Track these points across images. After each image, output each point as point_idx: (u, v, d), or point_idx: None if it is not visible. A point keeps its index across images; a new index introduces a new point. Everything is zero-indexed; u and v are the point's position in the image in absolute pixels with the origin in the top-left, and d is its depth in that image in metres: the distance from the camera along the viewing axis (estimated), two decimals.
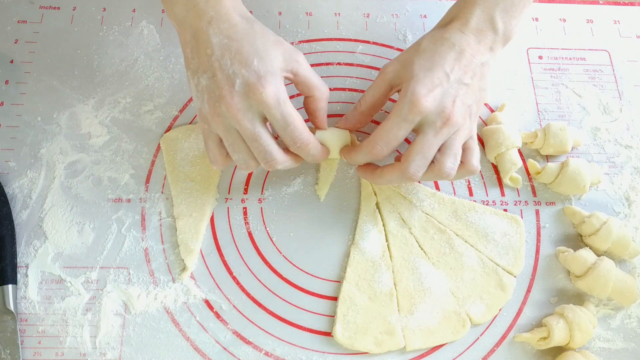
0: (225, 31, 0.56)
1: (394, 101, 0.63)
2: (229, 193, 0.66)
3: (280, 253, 0.64)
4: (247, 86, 0.54)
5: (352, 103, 0.72)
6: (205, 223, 0.64)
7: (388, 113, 0.58)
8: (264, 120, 0.56)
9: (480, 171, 0.69)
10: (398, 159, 0.60)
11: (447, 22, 0.62)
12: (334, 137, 0.62)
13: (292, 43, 0.75)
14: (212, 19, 0.56)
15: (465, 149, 0.60)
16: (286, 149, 0.59)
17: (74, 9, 0.76)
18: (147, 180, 0.66)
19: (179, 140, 0.67)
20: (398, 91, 0.59)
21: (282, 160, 0.58)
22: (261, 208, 0.66)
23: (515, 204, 0.67)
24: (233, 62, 0.55)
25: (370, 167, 0.62)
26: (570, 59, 0.76)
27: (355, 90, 0.73)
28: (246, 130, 0.56)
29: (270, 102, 0.54)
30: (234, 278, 0.62)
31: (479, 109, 0.60)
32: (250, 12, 0.77)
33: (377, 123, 0.62)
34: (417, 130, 0.58)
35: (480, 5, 0.60)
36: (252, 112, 0.55)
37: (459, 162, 0.59)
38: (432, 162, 0.58)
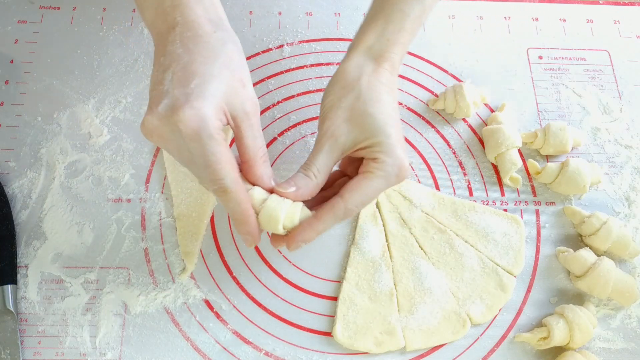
0: (186, 40, 0.48)
1: None
2: None
3: (280, 253, 0.64)
4: (170, 109, 0.46)
5: None
6: (205, 223, 0.64)
7: None
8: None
9: (480, 171, 0.69)
10: (325, 199, 0.54)
11: (375, 57, 0.56)
12: (282, 209, 0.52)
13: (292, 43, 0.75)
14: (176, 25, 0.49)
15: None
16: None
17: (74, 9, 0.76)
18: (147, 180, 0.66)
19: None
20: (354, 152, 0.54)
21: (223, 196, 0.49)
22: None
23: (515, 204, 0.67)
24: (173, 78, 0.47)
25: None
26: (570, 59, 0.76)
27: None
28: (175, 156, 0.49)
29: (189, 131, 0.45)
30: (234, 278, 0.62)
31: None
32: (250, 12, 0.78)
33: None
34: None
35: (400, 43, 0.57)
36: (174, 135, 0.46)
37: None
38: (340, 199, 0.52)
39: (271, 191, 0.52)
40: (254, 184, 0.52)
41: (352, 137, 0.53)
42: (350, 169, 0.57)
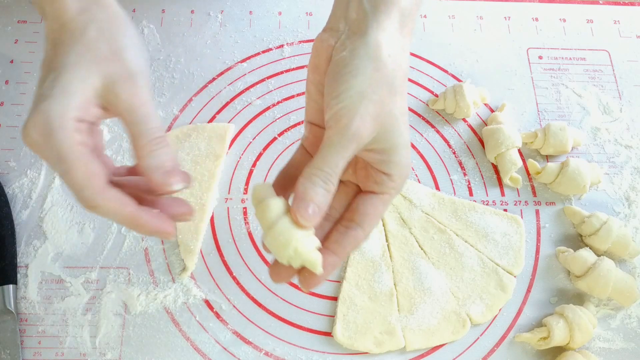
0: (52, 34, 0.43)
1: None
2: (228, 193, 0.66)
3: None
4: (30, 111, 0.41)
5: None
6: (206, 223, 0.64)
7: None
8: None
9: (480, 171, 0.69)
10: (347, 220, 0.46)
11: (401, 25, 0.45)
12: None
13: (292, 43, 0.75)
14: (46, 18, 0.44)
15: None
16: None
17: None
18: None
19: (180, 140, 0.67)
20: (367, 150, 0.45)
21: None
22: None
23: (515, 204, 0.67)
24: (40, 75, 0.42)
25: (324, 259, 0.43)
26: (570, 59, 0.76)
27: None
28: (49, 164, 0.43)
29: (38, 137, 0.40)
30: (234, 278, 0.62)
31: None
32: (250, 12, 0.78)
33: None
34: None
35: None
36: (37, 147, 0.41)
37: None
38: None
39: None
40: (154, 187, 0.43)
41: (373, 134, 0.42)
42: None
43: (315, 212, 0.41)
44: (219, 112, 0.71)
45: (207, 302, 0.61)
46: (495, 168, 0.69)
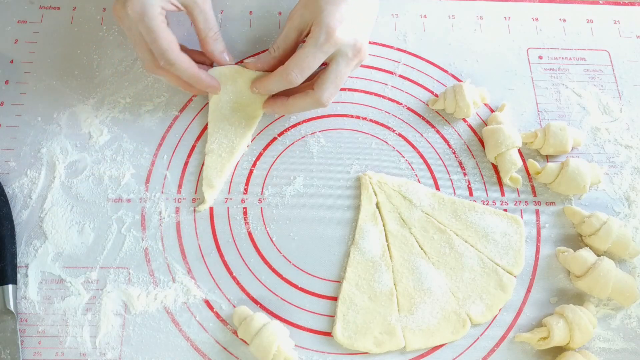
0: None
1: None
2: (228, 193, 0.66)
3: (280, 253, 0.64)
4: None
5: (352, 103, 0.72)
6: (232, 165, 0.67)
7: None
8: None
9: (480, 171, 0.69)
10: (309, 87, 0.64)
11: None
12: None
13: None
14: None
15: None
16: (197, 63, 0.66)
17: (74, 9, 0.76)
18: (147, 180, 0.66)
19: (227, 79, 0.69)
20: (307, 35, 0.63)
21: (157, 69, 0.64)
22: (261, 208, 0.66)
23: (515, 204, 0.67)
24: None
25: (279, 98, 0.66)
26: (570, 59, 0.76)
27: (356, 90, 0.73)
28: (128, 35, 0.63)
29: (134, 17, 0.60)
30: (234, 278, 0.62)
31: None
32: (250, 12, 0.78)
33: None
34: (329, 60, 0.63)
35: None
36: (129, 20, 0.61)
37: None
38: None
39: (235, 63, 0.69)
40: (211, 60, 0.68)
41: (304, 19, 0.63)
42: None
43: (257, 64, 0.67)
44: None
45: (207, 302, 0.61)
46: (495, 168, 0.69)
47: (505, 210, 0.67)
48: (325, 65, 0.65)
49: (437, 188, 0.68)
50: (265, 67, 0.67)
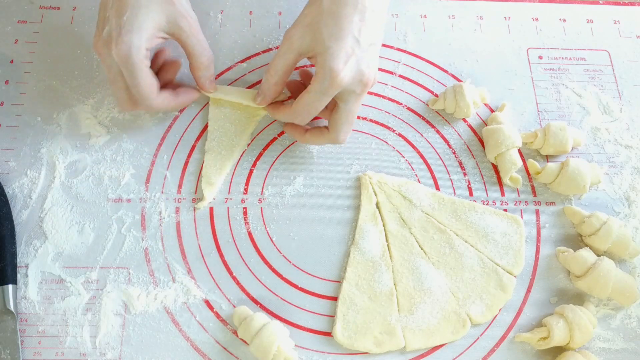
0: None
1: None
2: (228, 193, 0.66)
3: (280, 253, 0.64)
4: (108, 36, 0.59)
5: None
6: (232, 163, 0.67)
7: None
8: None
9: (480, 171, 0.69)
10: (325, 126, 0.64)
11: None
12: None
13: None
14: None
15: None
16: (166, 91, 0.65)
17: (74, 9, 0.76)
18: (147, 180, 0.66)
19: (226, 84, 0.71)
20: (308, 58, 0.61)
21: (132, 108, 0.64)
22: (261, 208, 0.66)
23: (515, 204, 0.67)
24: (113, 5, 0.59)
25: (298, 128, 0.66)
26: (570, 59, 0.76)
27: None
28: (107, 73, 0.62)
29: (119, 60, 0.59)
30: (234, 278, 0.62)
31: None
32: (250, 12, 0.78)
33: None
34: (337, 98, 0.61)
35: None
36: (110, 60, 0.60)
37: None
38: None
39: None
40: (200, 87, 0.68)
41: (305, 42, 0.59)
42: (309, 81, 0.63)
43: (260, 95, 0.66)
44: None
45: (207, 302, 0.61)
46: (495, 168, 0.69)
47: (505, 210, 0.67)
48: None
49: (437, 188, 0.68)
50: (271, 98, 0.66)
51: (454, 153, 0.70)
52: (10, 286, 0.59)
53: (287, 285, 0.62)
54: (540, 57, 0.76)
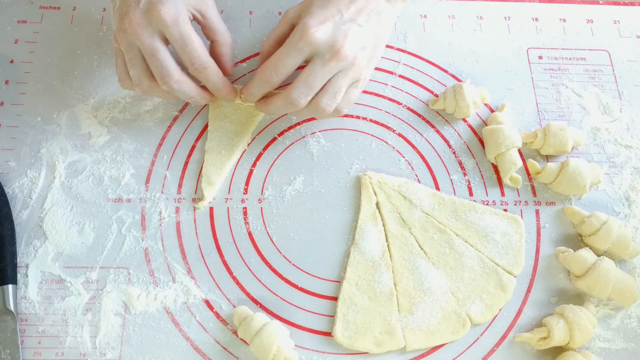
0: None
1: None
2: (228, 193, 0.66)
3: (280, 253, 0.64)
4: (149, 4, 0.58)
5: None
6: (232, 163, 0.67)
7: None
8: (165, 40, 0.60)
9: (480, 171, 0.69)
10: None
11: None
12: (276, 340, 0.58)
13: None
14: None
15: (346, 91, 0.63)
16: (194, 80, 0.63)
17: (74, 9, 0.76)
18: (147, 180, 0.66)
19: None
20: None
21: (178, 78, 0.60)
22: (261, 208, 0.66)
23: (515, 204, 0.67)
24: None
25: (262, 98, 0.64)
26: (570, 59, 0.76)
27: None
28: (143, 44, 0.58)
29: (168, 21, 0.58)
30: (234, 278, 0.62)
31: (374, 56, 0.63)
32: (250, 12, 0.78)
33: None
34: (308, 61, 0.60)
35: None
36: (151, 28, 0.58)
37: (338, 101, 0.62)
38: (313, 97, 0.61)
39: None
40: (223, 67, 0.65)
41: (297, 13, 0.62)
42: None
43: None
44: None
45: (207, 302, 0.61)
46: (495, 168, 0.69)
47: (505, 210, 0.67)
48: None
49: (437, 188, 0.68)
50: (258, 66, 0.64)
51: (454, 153, 0.70)
52: (10, 286, 0.59)
53: (287, 285, 0.62)
54: (540, 57, 0.76)
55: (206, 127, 0.69)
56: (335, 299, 0.62)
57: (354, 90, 0.63)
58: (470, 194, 0.68)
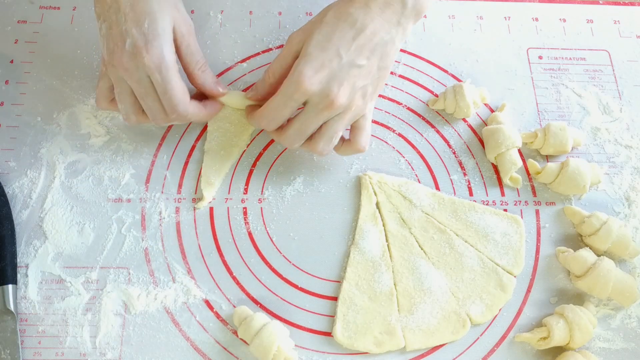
0: None
1: None
2: (228, 193, 0.66)
3: (280, 253, 0.64)
4: (134, 47, 0.57)
5: None
6: (231, 163, 0.67)
7: None
8: None
9: (480, 171, 0.69)
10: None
11: None
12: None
13: None
14: None
15: (354, 128, 0.62)
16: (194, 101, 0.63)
17: (74, 9, 0.76)
18: (147, 180, 0.66)
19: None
20: None
21: (165, 120, 0.61)
22: (261, 208, 0.66)
23: (515, 204, 0.67)
24: (127, 18, 0.57)
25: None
26: (570, 59, 0.76)
27: None
28: (135, 87, 0.59)
29: (152, 67, 0.57)
30: (234, 278, 0.62)
31: (377, 88, 0.61)
32: (250, 12, 0.78)
33: None
34: (303, 106, 0.60)
35: None
36: (139, 73, 0.57)
37: (335, 143, 0.62)
38: (310, 137, 0.61)
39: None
40: (201, 92, 0.65)
41: (300, 46, 0.59)
42: None
43: (253, 90, 0.65)
44: None
45: (207, 302, 0.61)
46: (495, 168, 0.69)
47: (505, 210, 0.67)
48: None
49: (437, 188, 0.68)
50: (263, 97, 0.63)
51: (454, 153, 0.70)
52: (10, 286, 0.59)
53: (287, 285, 0.62)
54: (540, 57, 0.76)
55: (206, 127, 0.69)
56: (335, 299, 0.62)
57: (361, 125, 0.62)
58: (470, 194, 0.68)
